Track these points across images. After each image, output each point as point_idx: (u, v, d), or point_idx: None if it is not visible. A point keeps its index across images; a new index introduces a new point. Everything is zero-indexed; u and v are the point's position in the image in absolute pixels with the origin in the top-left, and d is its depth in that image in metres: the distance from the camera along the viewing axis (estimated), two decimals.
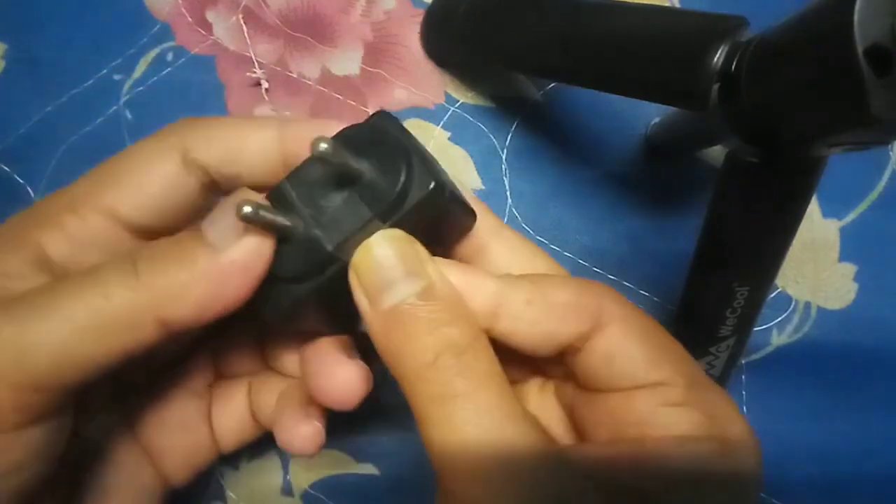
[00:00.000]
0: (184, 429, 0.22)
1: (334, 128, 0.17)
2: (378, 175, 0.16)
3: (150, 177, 0.18)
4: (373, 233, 0.16)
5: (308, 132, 0.17)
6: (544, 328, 0.17)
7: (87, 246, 0.17)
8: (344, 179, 0.16)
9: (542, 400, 0.20)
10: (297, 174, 0.17)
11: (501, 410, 0.16)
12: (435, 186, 0.16)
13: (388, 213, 0.16)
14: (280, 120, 0.19)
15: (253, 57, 0.27)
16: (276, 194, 0.17)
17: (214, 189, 0.19)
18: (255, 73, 0.27)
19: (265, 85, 0.27)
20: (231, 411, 0.23)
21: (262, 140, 0.18)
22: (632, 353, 0.17)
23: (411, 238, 0.17)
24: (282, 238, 0.16)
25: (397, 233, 0.16)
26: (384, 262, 0.16)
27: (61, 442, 0.17)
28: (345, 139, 0.17)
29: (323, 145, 0.15)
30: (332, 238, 0.16)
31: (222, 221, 0.16)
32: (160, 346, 0.16)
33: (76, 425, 0.17)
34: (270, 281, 0.17)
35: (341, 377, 0.19)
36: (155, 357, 0.22)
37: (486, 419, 0.15)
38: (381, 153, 0.16)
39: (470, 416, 0.15)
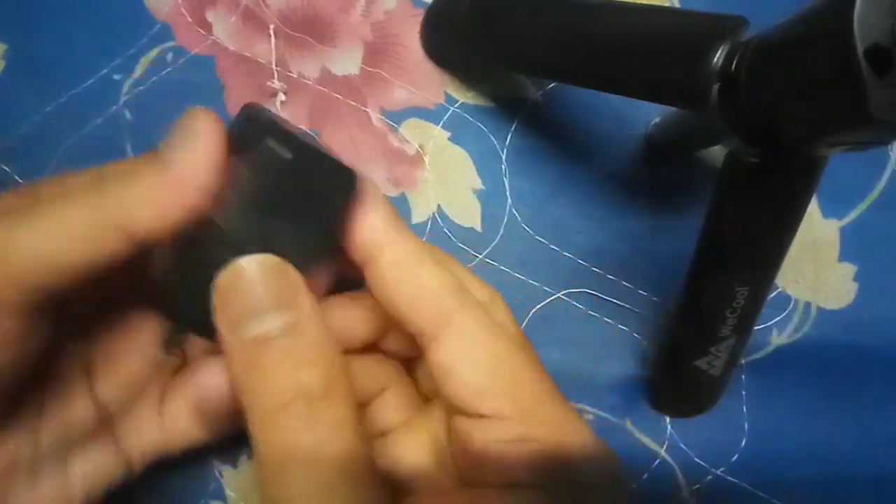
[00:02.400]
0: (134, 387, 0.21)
1: (173, 182, 0.16)
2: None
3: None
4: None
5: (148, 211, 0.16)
6: (402, 306, 0.17)
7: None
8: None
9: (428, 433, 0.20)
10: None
11: (343, 471, 0.15)
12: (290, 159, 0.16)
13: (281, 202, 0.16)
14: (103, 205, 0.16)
15: (273, 68, 0.27)
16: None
17: None
18: (274, 83, 0.27)
19: (282, 98, 0.27)
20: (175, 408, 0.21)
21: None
22: (464, 376, 0.17)
23: (287, 265, 0.16)
24: None
25: (272, 258, 0.16)
26: (253, 287, 0.15)
27: (32, 347, 0.17)
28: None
29: None
30: None
31: (176, 139, 0.16)
32: (131, 259, 0.16)
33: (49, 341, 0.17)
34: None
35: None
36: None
37: (323, 479, 0.15)
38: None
39: (308, 476, 0.15)
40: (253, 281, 0.15)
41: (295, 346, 0.15)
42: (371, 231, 0.18)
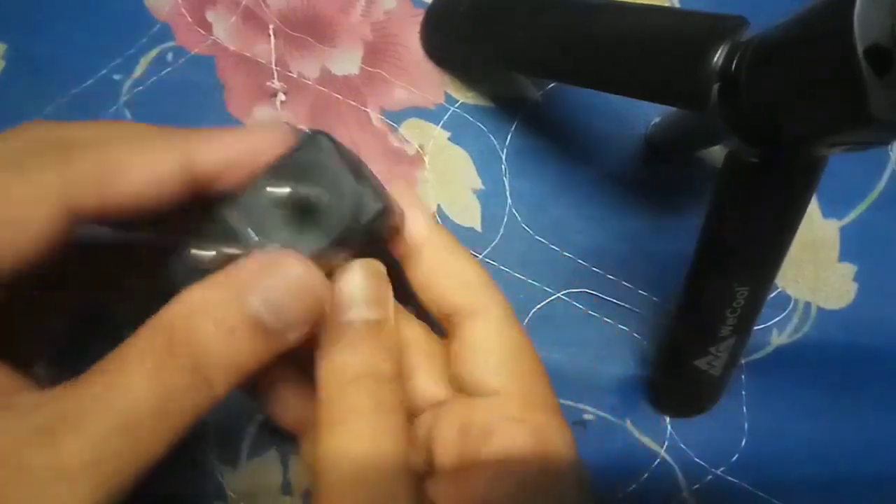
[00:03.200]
0: None
1: (246, 141, 0.18)
2: (327, 201, 0.17)
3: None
4: (330, 258, 0.18)
5: (220, 152, 0.17)
6: (443, 291, 0.20)
7: None
8: (292, 207, 0.17)
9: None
10: (238, 203, 0.17)
11: (390, 440, 0.17)
12: (384, 208, 0.18)
13: (343, 238, 0.17)
14: (183, 138, 0.17)
15: (273, 67, 0.27)
16: (218, 226, 0.17)
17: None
18: (273, 83, 0.27)
19: (282, 98, 0.27)
20: None
21: (166, 165, 0.16)
22: (488, 353, 0.20)
23: (386, 276, 0.19)
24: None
25: (375, 265, 0.19)
26: (357, 285, 0.18)
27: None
28: (282, 167, 0.17)
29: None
30: None
31: (281, 304, 0.16)
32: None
33: None
34: None
35: None
36: None
37: (375, 441, 0.17)
38: (322, 177, 0.17)
39: (364, 432, 0.17)
40: (359, 280, 0.18)
41: (379, 336, 0.18)
42: (416, 227, 0.20)
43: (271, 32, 0.28)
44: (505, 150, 0.28)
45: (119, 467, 0.14)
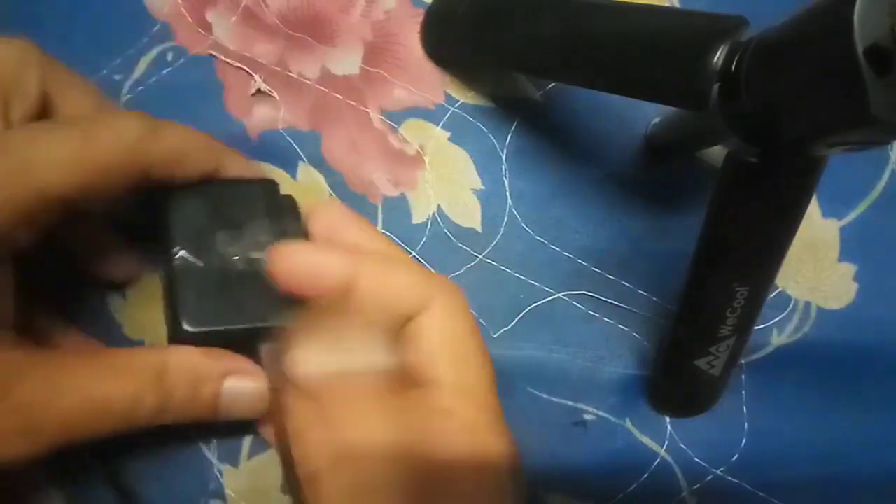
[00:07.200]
0: None
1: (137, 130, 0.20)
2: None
3: None
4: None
5: (116, 141, 0.19)
6: (389, 299, 0.20)
7: None
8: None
9: None
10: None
11: None
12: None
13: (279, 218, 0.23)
14: (83, 126, 0.19)
15: (255, 77, 0.27)
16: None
17: None
18: (255, 82, 0.27)
19: (257, 86, 0.27)
20: None
21: (62, 150, 0.18)
22: (428, 344, 0.19)
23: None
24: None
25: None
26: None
27: None
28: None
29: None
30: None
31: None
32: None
33: None
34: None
35: None
36: None
37: None
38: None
39: None
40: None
41: None
42: (335, 268, 0.20)
43: (272, 31, 0.28)
44: (505, 150, 0.28)
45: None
